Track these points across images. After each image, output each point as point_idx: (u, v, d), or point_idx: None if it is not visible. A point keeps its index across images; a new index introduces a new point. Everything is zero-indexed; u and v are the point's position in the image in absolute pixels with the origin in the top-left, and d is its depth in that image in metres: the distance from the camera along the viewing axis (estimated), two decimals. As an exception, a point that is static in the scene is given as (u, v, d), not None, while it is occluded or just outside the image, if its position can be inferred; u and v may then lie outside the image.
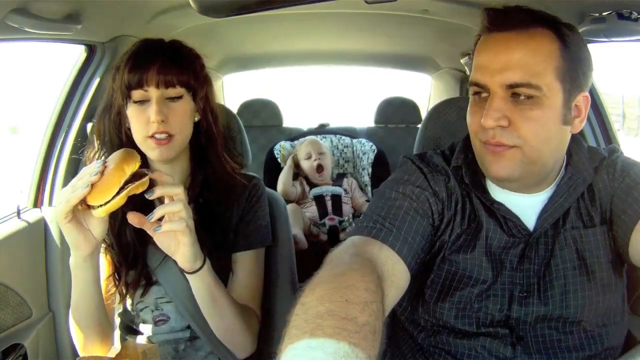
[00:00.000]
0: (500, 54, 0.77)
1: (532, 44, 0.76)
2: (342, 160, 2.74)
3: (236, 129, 1.22)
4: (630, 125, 14.68)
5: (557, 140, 0.81)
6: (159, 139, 0.94)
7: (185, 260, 0.88)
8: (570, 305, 0.85)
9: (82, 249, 0.86)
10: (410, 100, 2.89)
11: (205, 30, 1.80)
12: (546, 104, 0.76)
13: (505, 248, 0.87)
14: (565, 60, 0.77)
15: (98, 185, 0.79)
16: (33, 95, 11.48)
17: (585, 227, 0.86)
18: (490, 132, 0.78)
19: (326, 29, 2.13)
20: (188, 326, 1.03)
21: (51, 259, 1.37)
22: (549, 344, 0.86)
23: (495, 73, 0.77)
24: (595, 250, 0.86)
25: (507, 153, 0.79)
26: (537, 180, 0.85)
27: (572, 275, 0.85)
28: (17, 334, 1.24)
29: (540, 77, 0.75)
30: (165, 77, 0.93)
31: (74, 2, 1.11)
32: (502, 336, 0.87)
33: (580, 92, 0.80)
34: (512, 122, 0.77)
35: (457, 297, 0.88)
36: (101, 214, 0.80)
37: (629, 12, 1.01)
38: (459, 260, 0.87)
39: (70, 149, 1.41)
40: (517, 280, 0.86)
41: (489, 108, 0.77)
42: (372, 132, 2.89)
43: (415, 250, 0.81)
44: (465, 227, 0.88)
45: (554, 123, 0.78)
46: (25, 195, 1.43)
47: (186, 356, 1.03)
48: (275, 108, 2.91)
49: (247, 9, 0.87)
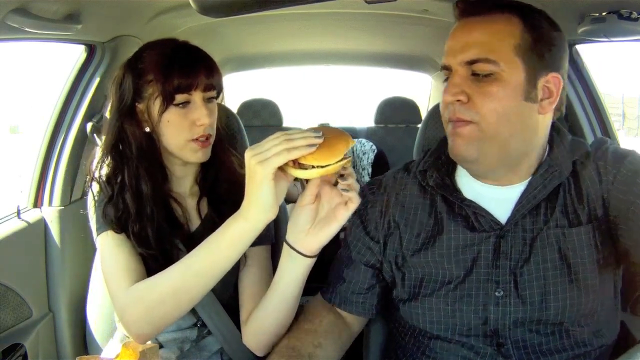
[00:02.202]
0: (461, 36, 0.82)
1: (492, 25, 0.80)
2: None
3: (236, 129, 1.22)
4: (630, 125, 14.69)
5: (518, 118, 0.80)
6: (202, 141, 0.95)
7: (317, 244, 0.84)
8: (551, 307, 0.83)
9: (272, 212, 0.78)
10: (411, 100, 2.89)
11: (205, 30, 1.80)
12: (505, 79, 0.78)
13: (472, 245, 0.86)
14: (528, 39, 0.79)
15: (321, 147, 0.76)
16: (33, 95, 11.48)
17: (571, 225, 0.83)
18: (451, 107, 0.82)
19: (326, 29, 2.13)
20: (195, 324, 1.03)
21: (51, 259, 1.37)
22: (530, 349, 0.84)
23: (457, 53, 0.81)
24: (579, 250, 0.83)
25: (465, 129, 0.81)
26: (503, 165, 0.84)
27: (553, 276, 0.83)
28: (17, 334, 1.24)
29: (497, 53, 0.78)
30: (212, 81, 0.95)
31: (74, 2, 1.11)
32: (480, 346, 0.85)
33: (548, 71, 0.81)
34: (471, 98, 0.79)
35: (427, 302, 0.88)
36: (315, 174, 0.77)
37: (629, 12, 1.00)
38: (420, 264, 0.89)
39: (70, 149, 1.41)
40: (493, 277, 0.84)
41: (448, 84, 0.82)
42: (372, 132, 2.89)
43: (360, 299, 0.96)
44: (423, 230, 0.90)
45: (514, 99, 0.79)
46: (25, 195, 1.43)
47: (191, 356, 1.03)
48: (275, 108, 2.92)
49: (247, 9, 0.87)
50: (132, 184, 0.96)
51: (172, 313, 0.87)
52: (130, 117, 0.96)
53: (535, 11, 0.83)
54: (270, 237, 1.07)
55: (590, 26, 1.08)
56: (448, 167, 0.91)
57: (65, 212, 1.39)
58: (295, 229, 0.84)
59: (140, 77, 0.94)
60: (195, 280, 0.84)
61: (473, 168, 0.87)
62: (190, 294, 0.85)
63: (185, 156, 0.97)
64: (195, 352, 1.04)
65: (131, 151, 0.96)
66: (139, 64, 0.95)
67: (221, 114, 1.08)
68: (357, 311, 0.96)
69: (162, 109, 0.93)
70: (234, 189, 1.02)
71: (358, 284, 0.96)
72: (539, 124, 0.83)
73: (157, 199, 0.97)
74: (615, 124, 1.69)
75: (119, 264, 0.92)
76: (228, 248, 0.81)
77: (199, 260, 0.83)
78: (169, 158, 1.01)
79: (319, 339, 0.90)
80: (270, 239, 1.08)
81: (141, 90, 0.95)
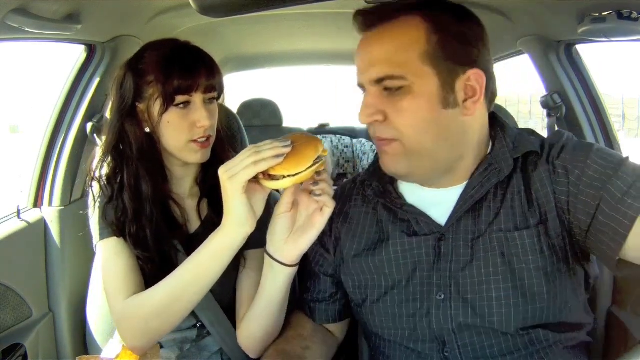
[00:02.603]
0: (364, 53, 0.78)
1: (392, 36, 0.75)
2: (342, 160, 2.74)
3: (236, 129, 1.22)
4: (630, 126, 14.70)
5: (440, 127, 0.76)
6: (202, 142, 0.95)
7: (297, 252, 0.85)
8: (494, 314, 0.78)
9: (249, 225, 0.80)
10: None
11: (205, 30, 1.80)
12: (416, 91, 0.74)
13: (413, 249, 0.84)
14: (436, 42, 0.74)
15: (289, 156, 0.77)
16: (33, 94, 11.48)
17: (517, 229, 0.78)
18: (372, 128, 0.79)
19: (326, 29, 2.13)
20: (195, 325, 1.04)
21: (51, 259, 1.37)
22: (480, 352, 0.80)
23: (364, 71, 0.78)
24: (524, 256, 0.78)
25: (389, 148, 0.78)
26: (438, 172, 0.81)
27: (496, 281, 0.78)
28: (17, 334, 1.24)
29: (402, 67, 0.74)
30: (212, 82, 0.95)
31: (74, 2, 1.11)
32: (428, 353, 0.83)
33: (467, 69, 0.75)
34: (387, 115, 0.76)
35: (375, 308, 0.87)
36: (287, 184, 0.78)
37: (629, 12, 1.00)
38: (362, 270, 0.88)
39: (70, 149, 1.41)
40: (434, 280, 0.82)
41: (362, 105, 0.78)
42: (372, 132, 2.89)
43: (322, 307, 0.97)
44: (364, 239, 0.89)
45: (430, 109, 0.75)
46: (25, 195, 1.43)
47: (191, 356, 1.04)
48: (275, 108, 2.92)
49: (247, 9, 0.87)
50: (131, 184, 0.96)
51: (165, 325, 0.89)
52: (131, 117, 0.96)
53: (439, 7, 0.77)
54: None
55: (590, 26, 1.08)
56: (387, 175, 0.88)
57: (65, 212, 1.39)
58: (273, 238, 0.85)
59: (141, 78, 0.94)
60: (185, 294, 0.86)
61: (409, 180, 0.86)
62: (181, 306, 0.87)
63: (185, 157, 0.97)
64: (195, 352, 1.04)
65: (132, 151, 0.96)
66: (140, 64, 0.95)
67: (221, 114, 1.08)
68: (319, 319, 0.97)
69: (162, 110, 0.93)
70: None
71: (320, 293, 0.97)
72: (467, 126, 0.79)
73: (156, 200, 0.97)
74: (615, 124, 1.69)
75: (117, 274, 0.93)
76: (210, 262, 0.83)
77: (186, 274, 0.85)
78: (169, 159, 1.01)
79: (307, 343, 0.91)
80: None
81: (142, 90, 0.94)
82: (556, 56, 1.42)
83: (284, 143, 0.77)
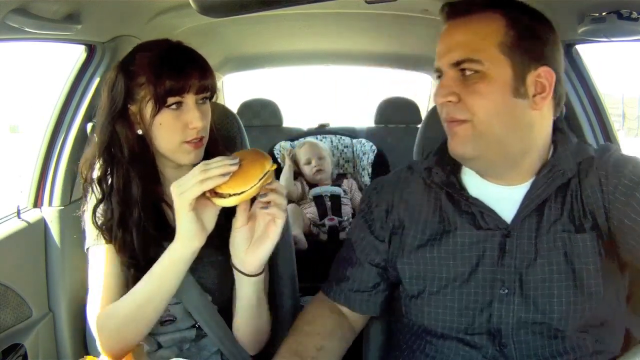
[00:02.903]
0: (447, 39, 0.85)
1: (474, 25, 0.82)
2: (342, 160, 2.74)
3: (236, 129, 1.22)
4: (630, 125, 14.68)
5: (509, 114, 0.81)
6: (195, 143, 0.95)
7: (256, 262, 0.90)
8: (554, 310, 0.83)
9: (198, 240, 0.84)
10: (411, 101, 2.89)
11: (206, 30, 1.79)
12: (491, 77, 0.80)
13: (478, 243, 0.87)
14: (513, 35, 0.80)
15: (235, 175, 0.80)
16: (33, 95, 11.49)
17: (577, 231, 0.84)
18: (445, 108, 0.84)
19: (326, 29, 2.13)
20: (193, 326, 1.04)
21: (51, 259, 1.37)
22: (533, 350, 0.84)
23: (443, 55, 0.84)
24: (584, 257, 0.83)
25: (460, 128, 0.83)
26: (504, 162, 0.85)
27: (558, 279, 0.83)
28: (17, 334, 1.24)
29: (481, 52, 0.80)
30: (204, 83, 0.94)
31: (74, 2, 1.11)
32: (483, 345, 0.85)
33: (538, 64, 0.81)
34: (462, 97, 0.81)
35: (433, 300, 0.88)
36: (233, 202, 0.82)
37: (629, 12, 1.00)
38: (425, 260, 0.90)
39: (70, 149, 1.41)
40: (498, 276, 0.85)
41: (439, 86, 0.84)
42: (372, 132, 2.89)
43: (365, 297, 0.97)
44: (428, 227, 0.91)
45: (503, 95, 0.80)
46: (25, 195, 1.43)
47: (190, 356, 1.04)
48: (275, 108, 2.91)
49: (247, 9, 0.87)
50: (119, 187, 0.96)
51: (136, 333, 0.92)
52: (123, 119, 0.95)
53: (519, 6, 0.84)
54: None
55: (590, 26, 1.08)
56: (452, 165, 0.92)
57: (65, 212, 1.39)
58: (235, 250, 0.90)
59: (132, 79, 0.93)
60: (149, 303, 0.90)
61: (475, 166, 0.88)
62: (147, 316, 0.91)
63: (178, 158, 0.97)
64: (195, 352, 1.04)
65: (122, 154, 0.96)
66: (131, 66, 0.94)
67: (219, 114, 1.08)
68: (361, 309, 0.98)
69: (154, 112, 0.92)
70: None
71: (363, 283, 0.97)
72: (535, 120, 0.83)
73: (147, 203, 0.97)
74: (616, 124, 1.69)
75: (97, 285, 0.97)
76: (166, 274, 0.88)
77: (147, 286, 0.89)
78: (161, 161, 1.01)
79: (321, 342, 0.92)
80: None
81: (133, 92, 0.94)
82: (556, 56, 1.42)
83: (232, 161, 0.80)
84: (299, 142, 2.64)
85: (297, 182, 2.52)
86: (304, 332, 0.94)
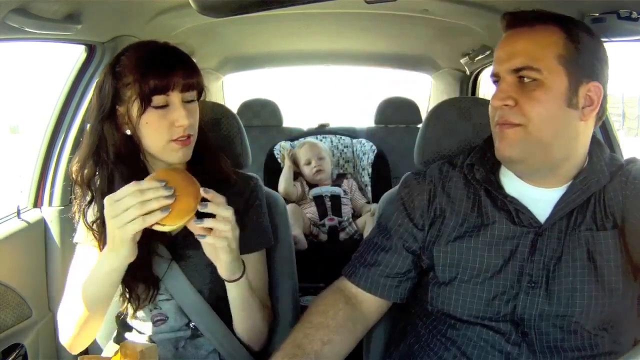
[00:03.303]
0: (508, 46, 0.88)
1: (535, 36, 0.86)
2: (342, 160, 2.74)
3: (236, 129, 1.22)
4: (630, 125, 14.69)
5: (561, 122, 0.85)
6: (182, 140, 0.95)
7: (222, 271, 0.92)
8: (576, 304, 0.87)
9: (132, 256, 0.87)
10: (411, 101, 2.89)
11: (205, 30, 1.79)
12: (549, 86, 0.84)
13: (512, 238, 0.91)
14: (570, 49, 0.85)
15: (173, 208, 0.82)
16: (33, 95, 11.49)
17: (598, 229, 0.88)
18: (499, 112, 0.88)
19: (326, 29, 2.13)
20: (187, 325, 1.04)
21: (51, 259, 1.37)
22: (552, 342, 0.88)
23: (503, 61, 0.87)
24: (606, 254, 0.87)
25: (512, 131, 0.86)
26: (546, 167, 0.89)
27: (581, 274, 0.87)
28: (17, 334, 1.24)
29: (540, 61, 0.84)
30: (189, 81, 0.94)
31: (74, 2, 1.11)
32: (506, 331, 0.89)
33: (589, 79, 0.86)
34: (518, 102, 0.85)
35: (463, 288, 0.92)
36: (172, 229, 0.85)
37: (629, 12, 1.01)
38: (461, 250, 0.93)
39: (70, 149, 1.41)
40: (527, 271, 0.89)
41: (497, 90, 0.88)
42: (372, 132, 2.89)
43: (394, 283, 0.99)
44: (467, 220, 0.95)
45: (558, 104, 0.84)
46: (25, 195, 1.43)
47: (187, 354, 1.04)
48: (275, 108, 2.91)
49: (247, 9, 0.87)
50: (103, 189, 0.96)
51: (90, 330, 0.97)
52: (110, 120, 0.96)
53: (577, 23, 0.88)
54: (265, 241, 1.09)
55: (590, 26, 1.08)
56: (492, 165, 0.97)
57: (65, 212, 1.39)
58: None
59: (119, 80, 0.94)
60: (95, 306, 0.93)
61: (518, 169, 0.92)
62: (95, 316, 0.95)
63: (166, 157, 0.97)
64: (192, 351, 1.04)
65: (108, 155, 0.96)
66: (118, 67, 0.95)
67: (219, 114, 1.08)
68: (388, 295, 0.99)
69: (141, 111, 0.92)
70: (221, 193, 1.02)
71: (395, 268, 0.99)
72: (580, 130, 0.88)
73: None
74: (616, 124, 1.69)
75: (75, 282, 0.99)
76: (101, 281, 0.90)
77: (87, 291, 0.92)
78: (151, 161, 1.01)
79: (330, 335, 0.93)
80: (266, 242, 1.09)
81: (120, 93, 0.94)
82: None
83: (167, 193, 0.82)
84: (299, 142, 2.64)
85: (297, 182, 2.52)
86: (313, 323, 0.94)
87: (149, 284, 1.00)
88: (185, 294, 1.00)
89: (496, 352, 0.89)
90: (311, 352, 0.89)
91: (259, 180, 1.13)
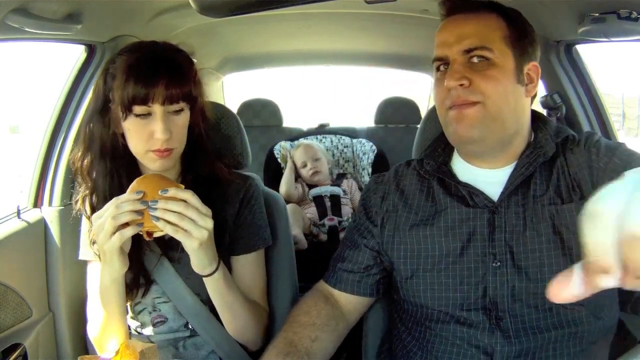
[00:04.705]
0: (456, 29, 0.91)
1: (481, 20, 0.91)
2: (342, 160, 2.74)
3: (236, 129, 1.22)
4: (630, 125, 14.68)
5: (514, 99, 0.90)
6: (161, 151, 0.93)
7: (193, 265, 0.92)
8: (546, 279, 0.86)
9: (124, 267, 0.89)
10: (411, 101, 2.89)
11: (205, 30, 1.79)
12: (499, 65, 0.88)
13: (468, 220, 0.92)
14: (512, 32, 0.90)
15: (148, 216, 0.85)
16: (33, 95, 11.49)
17: (563, 202, 0.89)
18: (454, 92, 0.89)
19: (326, 29, 2.13)
20: (186, 325, 1.04)
21: (51, 259, 1.37)
22: (528, 324, 0.87)
23: (453, 44, 0.90)
24: (572, 226, 0.87)
25: (471, 110, 0.88)
26: (500, 144, 0.92)
27: (547, 249, 0.88)
28: (17, 334, 1.24)
29: (491, 42, 0.89)
30: (172, 93, 0.90)
31: (74, 2, 1.11)
32: (480, 322, 0.89)
33: (529, 60, 0.92)
34: (473, 81, 0.88)
35: (428, 277, 0.93)
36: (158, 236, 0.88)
37: (628, 12, 1.01)
38: (418, 238, 0.95)
39: (70, 149, 1.41)
40: (489, 250, 0.90)
41: (450, 71, 0.89)
42: (372, 132, 2.89)
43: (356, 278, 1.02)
44: (421, 210, 0.98)
45: (509, 81, 0.89)
46: (25, 195, 1.43)
47: (187, 355, 1.04)
48: (275, 108, 2.92)
49: (247, 9, 0.87)
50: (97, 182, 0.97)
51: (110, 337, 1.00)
52: (101, 117, 0.96)
53: (513, 11, 0.94)
54: (263, 241, 1.09)
55: (590, 26, 1.09)
56: (444, 157, 1.01)
57: (65, 212, 1.39)
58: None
59: (113, 80, 0.93)
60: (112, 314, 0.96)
61: (474, 149, 0.94)
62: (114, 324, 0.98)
63: (146, 163, 0.97)
64: (191, 351, 1.04)
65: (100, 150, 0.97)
66: (111, 68, 0.94)
67: (219, 114, 1.08)
68: (351, 290, 1.01)
69: (123, 117, 0.92)
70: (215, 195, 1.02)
71: (357, 264, 1.02)
72: (526, 106, 0.94)
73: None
74: (616, 124, 1.69)
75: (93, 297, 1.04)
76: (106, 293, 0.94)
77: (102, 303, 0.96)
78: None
79: (316, 332, 0.95)
80: (263, 242, 1.09)
81: (113, 92, 0.93)
82: (556, 56, 1.43)
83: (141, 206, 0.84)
84: (296, 143, 2.64)
85: (297, 183, 2.52)
86: (299, 322, 0.96)
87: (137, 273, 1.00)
88: (181, 295, 1.00)
89: (472, 347, 0.89)
90: (302, 349, 0.91)
91: (256, 180, 1.13)
